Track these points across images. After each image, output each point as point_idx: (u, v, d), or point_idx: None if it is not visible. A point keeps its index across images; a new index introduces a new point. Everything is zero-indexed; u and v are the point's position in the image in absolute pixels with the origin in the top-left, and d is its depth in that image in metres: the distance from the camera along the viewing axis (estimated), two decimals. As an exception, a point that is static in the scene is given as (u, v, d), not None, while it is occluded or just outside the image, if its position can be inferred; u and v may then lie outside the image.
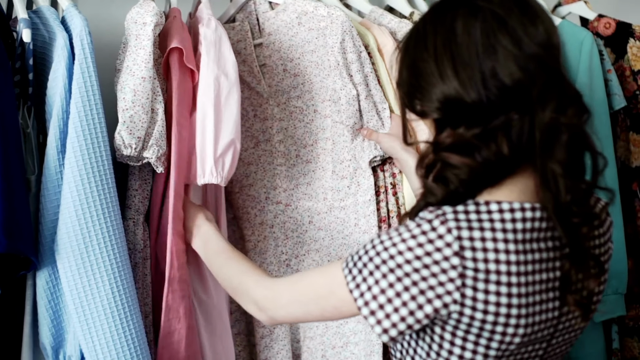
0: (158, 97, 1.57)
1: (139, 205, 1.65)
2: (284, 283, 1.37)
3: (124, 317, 1.47)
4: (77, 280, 1.45)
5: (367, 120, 1.81)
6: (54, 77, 1.50)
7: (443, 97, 1.15)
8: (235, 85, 1.63)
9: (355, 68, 1.81)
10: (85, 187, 1.45)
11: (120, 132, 1.52)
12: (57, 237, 1.45)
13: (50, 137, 1.48)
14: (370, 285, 1.14)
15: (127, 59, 1.56)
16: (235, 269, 1.47)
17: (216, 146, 1.59)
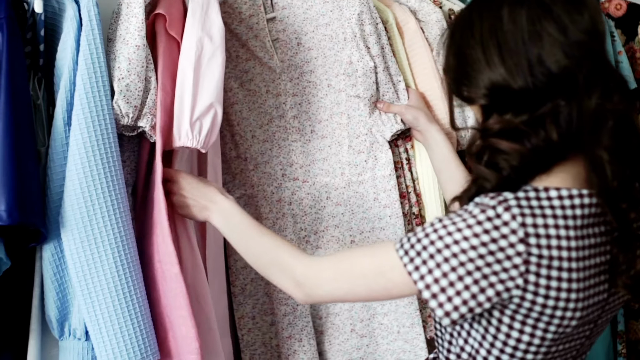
0: (150, 65, 1.55)
1: (128, 177, 1.62)
2: (327, 261, 1.36)
3: (127, 290, 1.47)
4: (80, 253, 1.45)
5: (383, 92, 1.80)
6: (62, 48, 1.50)
7: (490, 84, 1.18)
8: (219, 48, 1.57)
9: (372, 40, 1.79)
10: (90, 159, 1.44)
11: (117, 101, 1.50)
12: (62, 210, 1.45)
13: (57, 109, 1.47)
14: (432, 268, 1.15)
15: (119, 27, 1.54)
16: (268, 244, 1.44)
17: (193, 108, 1.54)
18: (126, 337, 1.46)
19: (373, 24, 1.79)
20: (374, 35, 1.79)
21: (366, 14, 1.78)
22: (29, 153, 1.41)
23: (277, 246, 1.42)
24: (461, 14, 1.28)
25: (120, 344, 1.45)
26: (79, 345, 1.50)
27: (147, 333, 1.49)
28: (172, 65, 1.60)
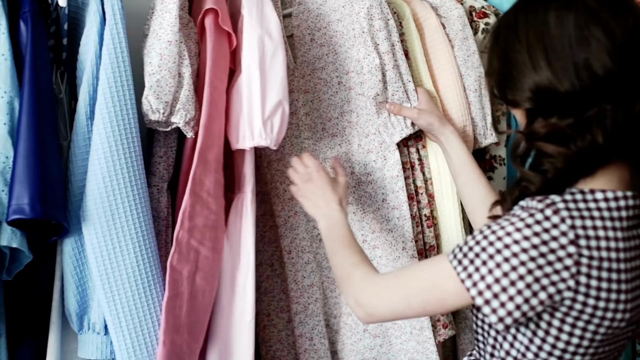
0: (184, 61, 1.55)
1: (164, 172, 1.64)
2: (385, 279, 1.38)
3: (147, 285, 1.48)
4: (102, 247, 1.45)
5: (392, 92, 1.76)
6: (85, 42, 1.50)
7: (535, 87, 1.19)
8: (280, 44, 1.60)
9: (382, 36, 1.77)
10: (113, 154, 1.45)
11: (147, 96, 1.50)
12: (84, 204, 1.45)
13: (80, 103, 1.47)
14: (484, 274, 1.16)
15: (153, 22, 1.55)
16: (348, 260, 1.47)
17: (264, 108, 1.57)
18: (145, 331, 1.47)
19: (383, 20, 1.76)
20: (383, 31, 1.77)
21: (376, 8, 1.76)
22: (52, 147, 1.41)
23: (354, 264, 1.45)
24: (505, 17, 1.28)
25: (140, 338, 1.46)
26: (98, 339, 1.51)
27: None
28: (223, 60, 1.61)
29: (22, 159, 1.35)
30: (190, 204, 1.56)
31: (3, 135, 1.39)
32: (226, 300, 1.66)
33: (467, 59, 1.86)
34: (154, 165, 1.64)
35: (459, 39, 1.87)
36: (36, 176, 1.35)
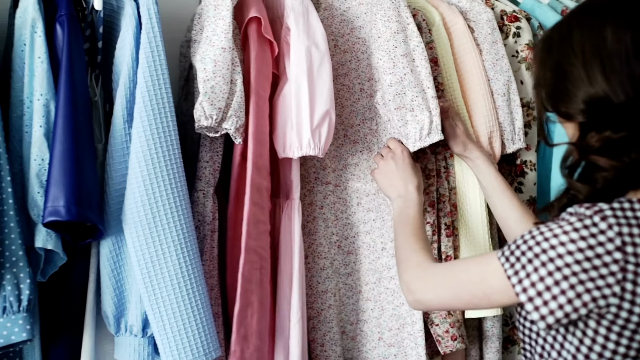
0: (237, 68, 1.56)
1: (210, 177, 1.64)
2: (438, 268, 1.41)
3: (190, 287, 1.48)
4: (144, 249, 1.45)
5: (412, 98, 1.72)
6: (121, 45, 1.50)
7: (590, 99, 1.20)
8: (326, 55, 1.62)
9: (399, 39, 1.73)
10: (153, 156, 1.45)
11: (201, 102, 1.51)
12: (125, 207, 1.46)
13: (117, 106, 1.48)
14: (529, 272, 1.18)
15: (205, 29, 1.55)
16: (409, 244, 1.52)
17: (312, 118, 1.59)
18: (189, 333, 1.46)
19: (400, 23, 1.73)
20: (400, 34, 1.72)
21: (393, 11, 1.72)
22: (88, 150, 1.42)
23: (413, 250, 1.49)
24: (558, 30, 1.29)
25: (184, 340, 1.46)
26: (135, 341, 1.51)
27: (209, 329, 1.50)
28: (266, 68, 1.62)
29: (58, 162, 1.36)
30: (253, 213, 1.59)
31: (39, 137, 1.40)
32: (285, 301, 1.69)
33: (496, 63, 1.85)
34: (200, 170, 1.65)
35: (487, 43, 1.86)
36: (72, 178, 1.36)
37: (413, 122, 1.70)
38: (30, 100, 1.42)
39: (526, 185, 1.94)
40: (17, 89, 1.44)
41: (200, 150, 1.64)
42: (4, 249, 1.36)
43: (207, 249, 1.62)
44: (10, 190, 1.37)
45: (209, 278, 1.61)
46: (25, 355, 1.49)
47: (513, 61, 1.91)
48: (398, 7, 1.70)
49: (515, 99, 1.86)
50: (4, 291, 1.36)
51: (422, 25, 1.81)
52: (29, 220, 1.41)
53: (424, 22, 1.82)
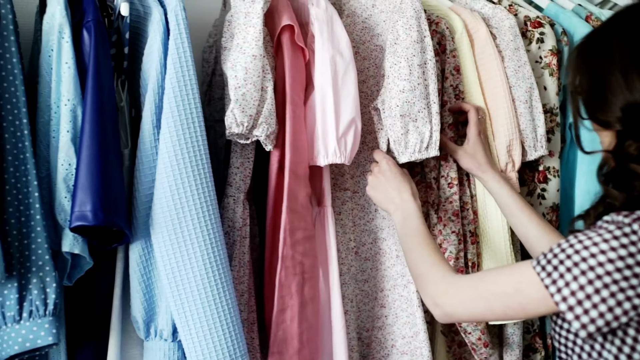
0: (267, 75, 1.56)
1: (240, 183, 1.65)
2: (466, 279, 1.40)
3: (217, 292, 1.48)
4: (170, 255, 1.46)
5: (418, 109, 1.69)
6: (149, 51, 1.50)
7: (628, 107, 1.21)
8: (350, 63, 1.62)
9: (417, 49, 1.70)
10: (180, 162, 1.45)
11: (233, 110, 1.51)
12: (152, 212, 1.46)
13: (146, 112, 1.48)
14: (568, 281, 1.17)
15: (236, 36, 1.55)
16: (425, 258, 1.49)
17: (338, 126, 1.60)
18: (215, 338, 1.46)
19: (420, 33, 1.70)
20: (419, 44, 1.69)
21: (415, 20, 1.69)
22: (114, 155, 1.43)
23: (431, 263, 1.47)
24: (595, 38, 1.29)
25: (210, 345, 1.46)
26: (165, 346, 1.52)
27: (237, 334, 1.50)
28: (300, 75, 1.63)
29: (85, 167, 1.37)
30: (289, 220, 1.60)
31: (66, 142, 1.41)
32: (326, 307, 1.71)
33: (518, 70, 1.84)
34: (231, 176, 1.65)
35: (509, 50, 1.85)
36: (98, 183, 1.36)
37: (415, 133, 1.68)
38: (58, 105, 1.43)
39: (549, 192, 1.93)
40: (44, 94, 1.44)
41: (231, 156, 1.65)
42: (31, 253, 1.37)
43: (236, 254, 1.62)
44: (37, 195, 1.38)
45: (238, 284, 1.61)
46: (51, 358, 1.49)
47: (536, 67, 1.90)
48: (419, 18, 1.69)
49: (537, 106, 1.85)
50: (31, 295, 1.37)
51: (445, 33, 1.80)
52: (55, 224, 1.42)
53: (447, 30, 1.81)
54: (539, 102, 1.85)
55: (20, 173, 1.38)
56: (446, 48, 1.80)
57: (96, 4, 1.47)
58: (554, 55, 1.90)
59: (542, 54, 1.90)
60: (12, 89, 1.38)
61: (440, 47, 1.80)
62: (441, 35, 1.79)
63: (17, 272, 1.36)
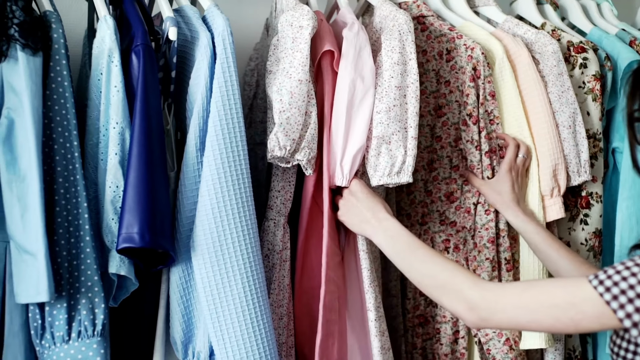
0: (312, 100, 1.57)
1: (281, 206, 1.66)
2: (509, 287, 1.38)
3: (254, 316, 1.48)
4: (210, 277, 1.46)
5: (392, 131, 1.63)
6: (196, 75, 1.52)
7: None
8: (371, 89, 1.61)
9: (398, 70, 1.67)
10: (222, 185, 1.46)
11: (276, 133, 1.52)
12: (194, 234, 1.47)
13: (190, 135, 1.49)
14: (632, 297, 1.17)
15: (283, 61, 1.57)
16: (443, 266, 1.44)
17: (344, 151, 1.60)
18: (252, 360, 1.48)
19: (403, 57, 1.64)
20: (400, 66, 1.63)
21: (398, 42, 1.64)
22: (161, 178, 1.44)
23: (451, 270, 1.42)
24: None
25: (247, 367, 1.48)
26: (202, 367, 1.53)
27: (273, 358, 1.50)
28: None
29: (132, 189, 1.38)
30: (329, 244, 1.60)
31: (114, 165, 1.43)
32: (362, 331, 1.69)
33: (562, 95, 1.83)
34: (272, 199, 1.66)
35: (553, 75, 1.84)
36: (145, 206, 1.38)
37: (386, 156, 1.62)
38: (106, 128, 1.45)
39: (592, 217, 1.91)
40: (93, 117, 1.47)
41: (272, 179, 1.66)
42: (80, 274, 1.39)
43: (276, 277, 1.63)
44: (86, 217, 1.40)
45: (278, 307, 1.62)
46: (97, 379, 1.51)
47: (579, 92, 1.89)
48: (404, 40, 1.64)
49: (581, 131, 1.84)
50: (80, 315, 1.38)
51: (480, 59, 1.78)
52: (102, 246, 1.44)
53: (482, 56, 1.79)
54: (582, 128, 1.84)
55: (70, 195, 1.40)
56: (481, 74, 1.79)
57: (145, 28, 1.49)
58: (597, 81, 1.89)
59: (585, 79, 1.89)
60: (64, 112, 1.41)
61: (475, 73, 1.80)
62: (476, 61, 1.79)
63: (66, 292, 1.38)
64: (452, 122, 1.85)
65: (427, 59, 1.88)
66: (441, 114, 1.86)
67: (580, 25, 2.11)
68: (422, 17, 1.89)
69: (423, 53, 1.88)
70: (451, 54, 1.83)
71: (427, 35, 1.88)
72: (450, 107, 1.85)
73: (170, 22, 1.53)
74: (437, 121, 1.87)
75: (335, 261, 1.62)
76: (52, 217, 1.38)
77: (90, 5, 1.57)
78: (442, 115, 1.86)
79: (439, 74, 1.87)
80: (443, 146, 1.86)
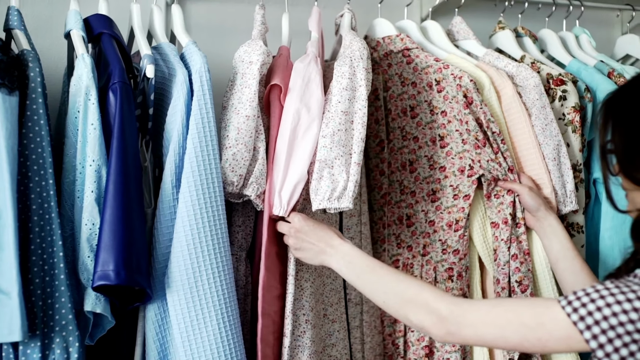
0: (260, 136, 1.58)
1: (242, 241, 1.67)
2: (480, 303, 1.38)
3: (229, 353, 1.48)
4: (185, 314, 1.46)
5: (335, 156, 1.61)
6: (172, 112, 1.53)
7: None
8: (316, 120, 1.59)
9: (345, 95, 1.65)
10: (198, 222, 1.47)
11: (223, 169, 1.53)
12: (169, 271, 1.47)
13: (166, 172, 1.50)
14: (598, 319, 1.17)
15: (232, 97, 1.58)
16: (407, 283, 1.44)
17: (284, 181, 1.59)
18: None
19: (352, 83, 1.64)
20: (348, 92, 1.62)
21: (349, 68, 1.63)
22: (137, 215, 1.44)
23: (417, 286, 1.42)
24: (627, 95, 1.29)
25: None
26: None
27: None
28: None
29: (108, 226, 1.38)
30: (267, 277, 1.59)
31: (90, 202, 1.43)
32: None
33: (546, 128, 1.84)
34: (233, 235, 1.66)
35: (536, 108, 1.85)
36: (121, 243, 1.38)
37: (327, 180, 1.60)
38: (83, 166, 1.45)
39: (574, 248, 1.92)
40: (70, 155, 1.47)
41: (233, 215, 1.66)
42: (54, 312, 1.38)
43: (240, 313, 1.61)
44: (61, 255, 1.40)
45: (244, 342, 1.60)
46: (72, 418, 1.49)
47: (560, 124, 1.90)
48: (355, 67, 1.63)
49: (565, 162, 1.85)
50: (54, 354, 1.37)
51: (469, 87, 1.80)
52: (78, 284, 1.43)
53: (471, 83, 1.80)
54: (567, 159, 1.85)
55: (45, 233, 1.40)
56: (474, 99, 1.80)
57: (122, 66, 1.50)
58: (577, 112, 1.90)
59: (565, 111, 1.91)
60: (39, 150, 1.41)
61: (467, 99, 1.80)
62: (466, 89, 1.80)
63: (40, 331, 1.37)
64: (457, 152, 1.85)
65: (418, 91, 1.89)
66: (444, 144, 1.87)
67: (559, 57, 2.13)
68: (407, 50, 1.91)
69: (413, 85, 1.90)
70: (441, 84, 1.85)
71: (414, 67, 1.89)
72: (452, 137, 1.85)
73: (148, 60, 1.55)
74: (440, 151, 1.88)
75: (272, 295, 1.61)
76: (26, 255, 1.38)
77: (70, 44, 1.58)
78: (445, 146, 1.87)
79: (432, 105, 1.88)
80: (447, 176, 1.87)
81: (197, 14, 2.11)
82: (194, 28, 2.06)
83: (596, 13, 2.47)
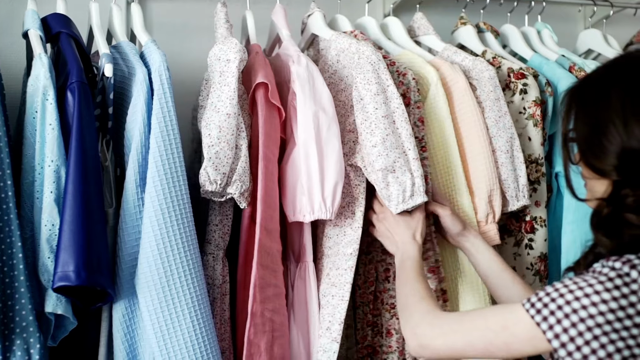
0: (242, 134, 1.58)
1: (219, 240, 1.65)
2: (451, 314, 1.39)
3: (203, 349, 1.48)
4: (159, 313, 1.46)
5: (393, 160, 1.64)
6: (133, 111, 1.52)
7: (626, 155, 1.21)
8: (333, 119, 1.63)
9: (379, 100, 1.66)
10: (166, 220, 1.46)
11: (206, 168, 1.53)
12: (138, 271, 1.46)
13: (129, 171, 1.49)
14: (560, 318, 1.17)
15: (211, 95, 1.57)
16: (415, 292, 1.49)
17: (323, 182, 1.60)
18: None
19: (381, 86, 1.66)
20: (381, 96, 1.65)
21: (372, 73, 1.66)
22: (98, 215, 1.43)
23: (419, 297, 1.47)
24: (592, 85, 1.29)
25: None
26: (147, 406, 1.50)
27: None
28: (274, 133, 1.65)
29: (68, 227, 1.37)
30: (260, 276, 1.59)
31: (49, 203, 1.42)
32: None
33: (499, 120, 1.85)
34: (210, 234, 1.66)
35: (490, 101, 1.86)
36: (81, 243, 1.37)
37: (395, 184, 1.64)
38: (42, 166, 1.44)
39: (537, 242, 1.93)
40: (28, 156, 1.46)
41: (210, 213, 1.65)
42: (14, 314, 1.37)
43: (217, 312, 1.63)
44: (21, 256, 1.39)
45: (220, 341, 1.61)
46: (35, 421, 1.48)
47: (520, 118, 1.92)
48: (377, 70, 1.67)
49: (518, 156, 1.85)
50: (14, 357, 1.37)
51: (410, 85, 1.78)
52: (39, 285, 1.42)
53: (413, 81, 1.79)
54: (520, 152, 1.85)
55: (4, 234, 1.38)
56: (411, 100, 1.78)
57: (80, 65, 1.49)
58: (538, 106, 1.91)
59: (526, 104, 1.92)
60: (-4, 151, 1.40)
61: (405, 99, 1.77)
62: (406, 87, 1.78)
63: (0, 333, 1.36)
64: None
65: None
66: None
67: (521, 52, 2.15)
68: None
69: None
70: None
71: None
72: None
73: (106, 59, 1.54)
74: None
75: (267, 294, 1.61)
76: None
77: (28, 43, 1.57)
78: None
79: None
80: None
81: (159, 13, 2.10)
82: (155, 27, 2.06)
83: (558, 8, 2.49)
